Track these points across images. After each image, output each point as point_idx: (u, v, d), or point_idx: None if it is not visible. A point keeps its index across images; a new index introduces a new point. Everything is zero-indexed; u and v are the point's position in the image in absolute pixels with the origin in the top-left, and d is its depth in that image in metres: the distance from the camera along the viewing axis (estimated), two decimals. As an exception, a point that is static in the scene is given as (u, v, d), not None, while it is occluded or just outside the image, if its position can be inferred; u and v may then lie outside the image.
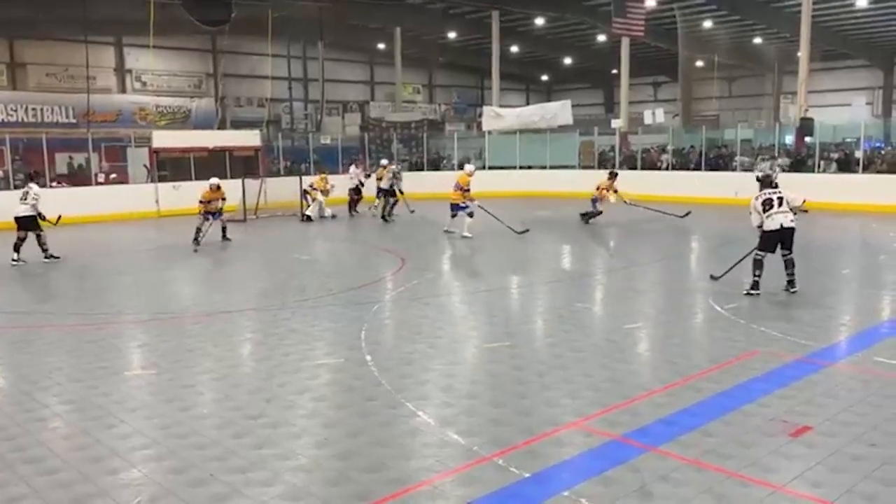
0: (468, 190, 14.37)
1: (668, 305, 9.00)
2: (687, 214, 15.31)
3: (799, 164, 21.56)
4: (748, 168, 22.68)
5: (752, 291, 8.91)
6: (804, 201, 9.10)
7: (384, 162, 19.92)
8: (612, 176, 16.91)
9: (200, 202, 14.46)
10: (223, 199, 14.68)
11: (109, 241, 16.23)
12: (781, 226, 8.78)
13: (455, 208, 14.57)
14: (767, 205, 8.84)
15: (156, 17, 22.33)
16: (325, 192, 19.38)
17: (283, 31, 28.42)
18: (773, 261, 9.00)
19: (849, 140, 24.08)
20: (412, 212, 19.09)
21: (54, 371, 6.55)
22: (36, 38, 28.77)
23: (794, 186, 9.58)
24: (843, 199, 18.05)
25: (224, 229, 14.77)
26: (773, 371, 6.13)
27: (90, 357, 6.94)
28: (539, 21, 31.94)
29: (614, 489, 4.12)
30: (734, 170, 22.78)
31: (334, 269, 12.51)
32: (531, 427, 5.01)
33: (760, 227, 8.93)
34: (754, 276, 8.94)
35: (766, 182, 9.11)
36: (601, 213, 16.64)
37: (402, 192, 19.12)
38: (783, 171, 20.96)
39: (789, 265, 9.01)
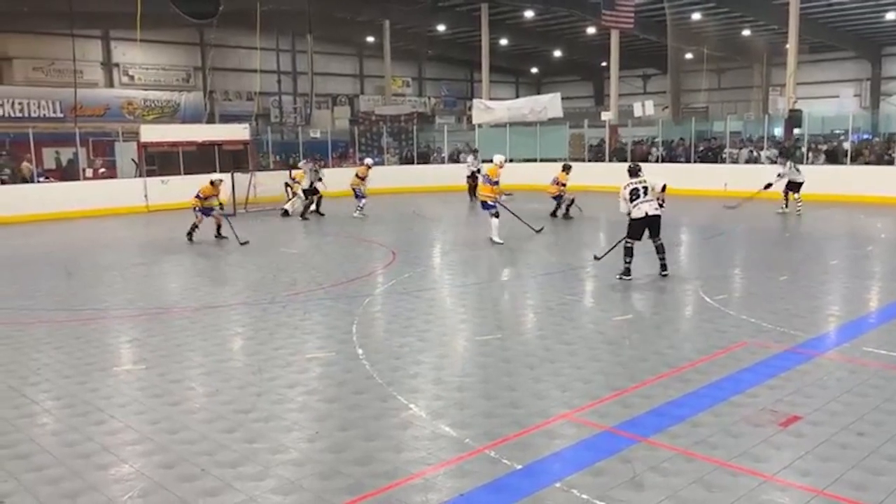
0: (497, 182, 13.17)
1: (657, 297, 9.02)
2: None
3: (787, 155, 21.65)
4: (736, 160, 22.82)
5: (624, 277, 9.49)
6: (664, 187, 9.58)
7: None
8: (566, 168, 16.79)
9: (197, 197, 14.05)
10: (217, 195, 14.35)
11: (97, 236, 16.12)
12: (646, 214, 9.35)
13: (485, 207, 13.22)
14: (634, 194, 9.37)
15: (143, 11, 22.16)
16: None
17: (271, 25, 28.29)
18: (769, 252, 9.03)
19: (837, 132, 24.21)
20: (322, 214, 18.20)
21: (42, 367, 6.51)
22: (22, 31, 28.55)
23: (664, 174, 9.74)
24: (831, 190, 18.16)
25: (219, 227, 14.39)
26: (761, 361, 6.16)
27: (79, 353, 6.91)
28: (528, 14, 31.93)
29: (605, 480, 4.14)
30: (724, 161, 22.86)
31: (325, 262, 12.46)
32: (522, 419, 5.03)
33: (629, 214, 9.46)
34: (625, 262, 9.54)
35: (634, 172, 9.58)
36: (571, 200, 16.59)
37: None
38: (772, 162, 21.06)
39: (660, 250, 9.63)
